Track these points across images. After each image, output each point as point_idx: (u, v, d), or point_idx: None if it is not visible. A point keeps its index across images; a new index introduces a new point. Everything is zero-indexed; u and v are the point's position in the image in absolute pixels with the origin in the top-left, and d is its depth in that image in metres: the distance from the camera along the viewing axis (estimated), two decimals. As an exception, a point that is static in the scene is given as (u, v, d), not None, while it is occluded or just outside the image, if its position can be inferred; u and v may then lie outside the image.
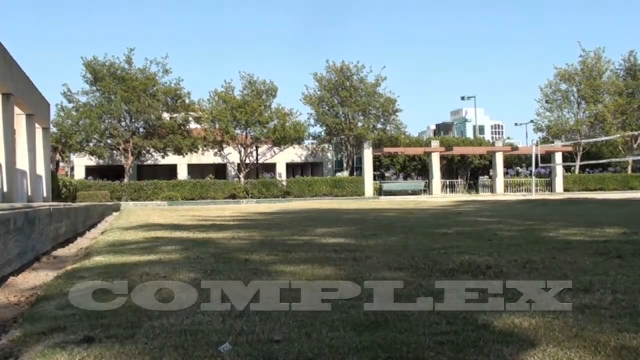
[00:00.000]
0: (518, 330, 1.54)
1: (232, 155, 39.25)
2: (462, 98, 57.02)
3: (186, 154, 37.99)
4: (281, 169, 42.43)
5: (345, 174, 39.07)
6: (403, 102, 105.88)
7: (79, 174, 41.07)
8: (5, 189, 12.16)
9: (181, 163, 41.49)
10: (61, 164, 40.95)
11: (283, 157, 41.15)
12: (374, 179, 37.36)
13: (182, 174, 41.29)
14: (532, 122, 47.30)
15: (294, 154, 41.62)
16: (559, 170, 39.05)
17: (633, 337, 1.44)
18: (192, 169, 41.97)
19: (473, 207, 12.74)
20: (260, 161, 39.71)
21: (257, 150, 39.28)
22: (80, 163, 41.41)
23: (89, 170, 40.66)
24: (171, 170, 41.73)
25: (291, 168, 44.17)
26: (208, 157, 40.33)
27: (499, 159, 38.47)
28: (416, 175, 39.39)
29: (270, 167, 41.44)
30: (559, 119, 44.10)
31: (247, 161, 38.65)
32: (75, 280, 2.68)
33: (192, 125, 38.70)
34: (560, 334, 1.49)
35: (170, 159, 39.36)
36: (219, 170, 42.04)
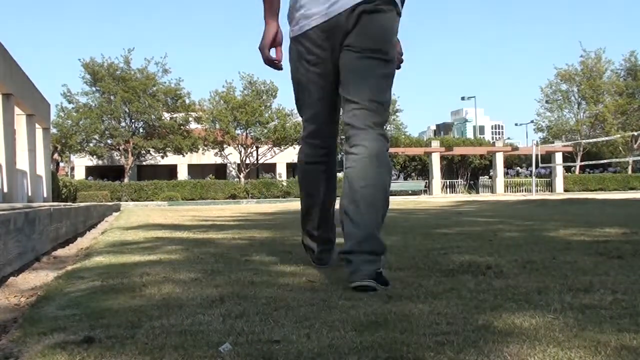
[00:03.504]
0: (518, 330, 1.54)
1: (232, 155, 39.24)
2: (462, 98, 57.09)
3: (186, 154, 37.98)
4: (281, 169, 42.43)
5: (345, 174, 39.06)
6: (403, 102, 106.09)
7: (79, 174, 41.08)
8: (5, 189, 12.17)
9: (181, 163, 41.47)
10: (61, 164, 40.96)
11: (283, 158, 41.16)
12: (374, 179, 37.35)
13: (182, 174, 41.28)
14: (532, 122, 47.34)
15: (295, 154, 41.60)
16: (559, 171, 39.06)
17: (633, 338, 1.44)
18: (192, 169, 41.94)
19: (473, 208, 12.74)
20: (260, 161, 39.68)
21: (257, 150, 39.26)
22: (81, 163, 41.40)
23: (89, 171, 40.67)
24: (171, 170, 41.71)
25: (291, 168, 44.18)
26: (208, 157, 40.33)
27: (499, 159, 38.48)
28: (416, 176, 39.40)
29: (271, 168, 41.43)
30: (559, 119, 44.09)
31: (248, 161, 38.64)
32: (75, 281, 2.68)
33: (193, 125, 38.72)
34: (560, 334, 1.49)
35: (171, 159, 39.35)
36: (219, 171, 42.04)
